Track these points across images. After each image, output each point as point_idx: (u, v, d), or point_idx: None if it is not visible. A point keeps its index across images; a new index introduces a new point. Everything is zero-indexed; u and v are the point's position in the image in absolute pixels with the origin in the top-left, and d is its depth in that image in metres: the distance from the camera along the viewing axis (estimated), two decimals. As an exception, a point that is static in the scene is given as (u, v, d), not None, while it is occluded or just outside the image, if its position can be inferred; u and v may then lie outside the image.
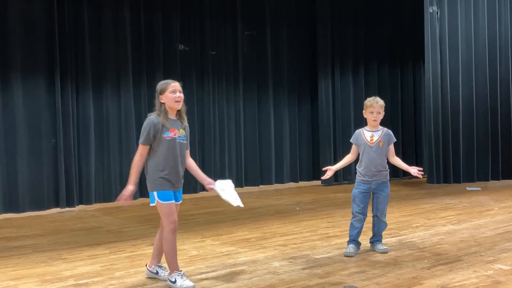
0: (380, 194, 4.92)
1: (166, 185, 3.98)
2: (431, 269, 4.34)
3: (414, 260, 4.64)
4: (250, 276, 4.29)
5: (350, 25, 11.20)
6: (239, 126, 10.39)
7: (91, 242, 5.72)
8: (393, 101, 11.85)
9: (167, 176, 3.98)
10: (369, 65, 11.57)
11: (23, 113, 7.96)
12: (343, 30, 11.13)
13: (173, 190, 4.02)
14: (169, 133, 3.99)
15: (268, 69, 10.73)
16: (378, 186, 4.91)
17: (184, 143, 4.13)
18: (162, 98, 4.03)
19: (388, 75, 11.84)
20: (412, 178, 11.82)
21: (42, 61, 8.11)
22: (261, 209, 7.91)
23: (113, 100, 8.83)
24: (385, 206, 4.98)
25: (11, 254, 5.26)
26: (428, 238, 5.55)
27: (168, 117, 4.03)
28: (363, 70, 11.48)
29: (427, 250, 5.01)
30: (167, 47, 9.43)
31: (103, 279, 4.31)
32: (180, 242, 5.54)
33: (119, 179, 8.73)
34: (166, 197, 3.97)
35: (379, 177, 4.89)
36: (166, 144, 3.98)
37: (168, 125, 4.00)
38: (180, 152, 4.08)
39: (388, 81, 11.82)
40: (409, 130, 12.10)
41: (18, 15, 7.91)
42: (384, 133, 4.96)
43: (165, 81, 4.12)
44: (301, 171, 11.24)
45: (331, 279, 4.16)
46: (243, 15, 10.39)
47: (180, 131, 4.08)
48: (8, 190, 7.84)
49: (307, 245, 5.36)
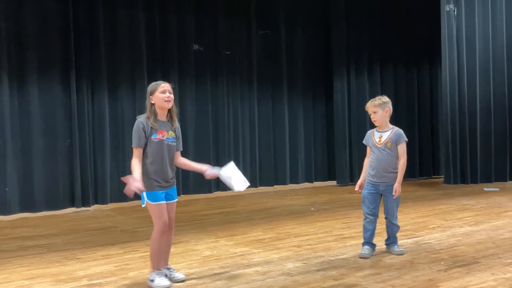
0: (389, 197, 4.83)
1: (154, 186, 3.98)
2: (448, 272, 4.27)
3: (430, 262, 4.56)
4: (264, 277, 4.26)
5: (365, 23, 11.11)
6: (253, 126, 10.36)
7: (105, 242, 5.73)
8: (409, 100, 11.74)
9: (154, 177, 3.98)
10: (385, 65, 11.47)
11: (39, 113, 8.02)
12: (358, 29, 11.04)
13: (162, 190, 4.01)
14: (157, 135, 4.00)
15: (283, 69, 10.69)
16: (386, 188, 4.82)
17: (173, 145, 4.11)
18: (152, 98, 4.04)
19: (404, 75, 11.72)
20: (429, 178, 11.72)
21: (57, 62, 8.17)
22: (275, 209, 7.88)
23: (128, 100, 8.86)
24: (395, 209, 4.89)
25: (26, 253, 5.29)
26: (445, 239, 5.46)
27: (158, 119, 4.03)
28: (379, 69, 11.38)
29: (443, 252, 4.93)
30: (181, 47, 9.44)
31: (117, 279, 4.31)
32: (194, 243, 5.54)
33: (134, 179, 8.75)
34: (155, 198, 3.97)
35: (387, 179, 4.80)
36: (154, 145, 3.99)
37: (156, 126, 4.00)
38: (169, 154, 4.07)
39: (404, 81, 11.71)
40: (426, 130, 11.97)
41: (34, 16, 7.97)
42: (393, 133, 4.85)
43: (156, 82, 4.12)
44: (316, 172, 11.18)
45: (346, 281, 4.11)
46: (258, 15, 10.36)
47: (169, 133, 4.07)
48: (24, 190, 7.90)
49: (321, 246, 5.31)
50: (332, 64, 10.96)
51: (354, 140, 10.87)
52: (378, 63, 11.36)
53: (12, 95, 7.83)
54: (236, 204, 8.44)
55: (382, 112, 4.82)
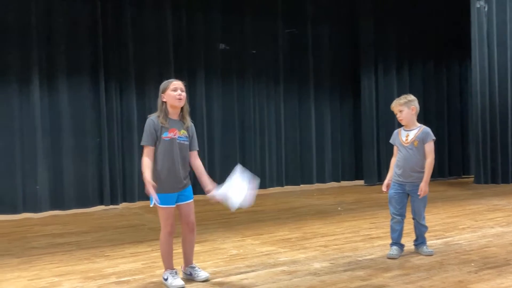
0: (416, 197, 4.75)
1: (165, 188, 3.91)
2: (478, 273, 4.18)
3: (460, 263, 4.48)
4: (290, 276, 4.24)
5: (393, 21, 10.98)
6: (280, 125, 10.34)
7: (133, 240, 5.79)
8: (439, 99, 11.57)
9: (165, 178, 3.91)
10: (414, 62, 11.32)
11: (69, 112, 8.16)
12: (386, 26, 10.92)
13: (173, 192, 3.96)
14: (168, 134, 3.93)
15: (309, 67, 10.64)
16: (413, 188, 4.73)
17: (185, 144, 4.02)
18: (164, 96, 3.99)
19: (433, 73, 11.55)
20: (458, 178, 11.53)
21: (86, 62, 8.29)
22: (302, 209, 7.85)
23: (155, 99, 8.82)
24: (422, 209, 4.80)
25: (56, 250, 5.38)
26: (475, 240, 5.36)
27: (169, 117, 3.97)
28: (407, 67, 11.24)
29: (474, 253, 4.84)
30: (208, 46, 9.47)
31: (144, 276, 4.34)
32: (221, 241, 5.56)
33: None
34: (165, 201, 3.91)
35: (414, 179, 4.72)
36: (164, 144, 3.92)
37: (167, 125, 3.94)
38: (181, 153, 3.98)
39: (433, 79, 11.53)
40: (456, 129, 11.78)
41: (63, 17, 8.11)
42: (420, 132, 4.76)
43: (168, 80, 4.07)
44: (343, 171, 11.10)
45: (373, 281, 4.06)
46: (284, 13, 10.33)
47: (181, 132, 3.99)
48: (54, 188, 8.04)
49: (349, 246, 5.26)
50: (360, 62, 10.86)
51: (382, 139, 10.75)
52: (407, 61, 11.22)
53: (43, 95, 7.97)
54: (263, 203, 8.43)
55: (408, 111, 4.75)
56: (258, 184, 4.12)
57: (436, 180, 10.35)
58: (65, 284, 4.19)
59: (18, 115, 7.83)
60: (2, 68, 7.71)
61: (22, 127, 7.84)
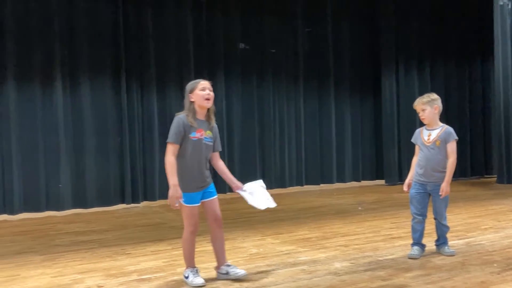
0: (437, 197, 4.70)
1: (190, 187, 3.94)
2: (501, 274, 4.13)
3: (482, 264, 4.43)
4: (311, 276, 4.24)
5: (414, 19, 10.88)
6: (299, 124, 10.32)
7: (154, 238, 5.84)
8: (461, 98, 11.43)
9: (190, 178, 3.94)
10: (435, 61, 11.20)
11: (91, 112, 8.26)
12: (407, 24, 10.82)
13: (198, 191, 3.99)
14: (196, 134, 3.95)
15: (329, 67, 10.60)
16: (434, 188, 4.69)
17: (210, 145, 4.06)
18: (192, 96, 4.01)
19: (455, 71, 11.42)
20: (481, 178, 11.38)
21: (108, 62, 8.39)
22: (322, 208, 7.83)
23: (176, 99, 8.99)
24: (443, 209, 4.76)
25: (78, 248, 5.45)
26: (498, 241, 5.29)
27: (196, 117, 3.99)
28: (429, 66, 11.13)
29: (496, 253, 4.78)
30: (228, 46, 9.50)
31: (165, 274, 4.38)
32: (240, 240, 5.58)
33: (182, 177, 8.90)
34: (190, 200, 3.94)
35: (436, 179, 4.68)
36: (192, 144, 3.94)
37: (195, 125, 3.96)
38: (205, 154, 4.02)
39: (455, 78, 11.40)
40: (478, 128, 11.63)
41: (85, 18, 8.21)
42: (443, 131, 4.71)
43: (195, 80, 4.09)
44: (364, 170, 11.04)
45: (394, 281, 4.04)
46: (303, 12, 10.31)
47: (206, 132, 4.02)
48: (77, 186, 8.15)
49: (369, 246, 5.24)
50: (380, 61, 10.78)
51: (403, 138, 10.65)
52: (428, 59, 11.11)
53: (65, 95, 8.08)
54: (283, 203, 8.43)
55: (430, 110, 4.71)
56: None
57: (458, 180, 10.24)
58: (88, 281, 4.24)
59: (41, 115, 7.95)
60: (25, 68, 7.83)
61: (45, 127, 7.96)
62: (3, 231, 6.64)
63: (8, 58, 7.69)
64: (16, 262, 4.93)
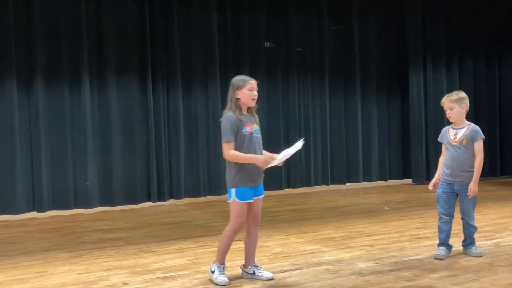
0: (465, 197, 4.63)
1: (246, 182, 4.00)
2: (530, 276, 4.05)
3: (511, 265, 4.34)
4: (334, 276, 4.22)
5: (442, 16, 10.69)
6: (325, 123, 10.26)
7: (179, 236, 5.89)
8: (490, 96, 11.21)
9: (248, 172, 4.00)
10: (464, 59, 11.00)
11: (118, 111, 8.36)
12: (435, 21, 10.63)
13: (254, 185, 4.04)
14: (247, 128, 4.03)
15: (356, 65, 10.50)
16: (461, 188, 4.62)
17: (259, 137, 4.16)
18: (239, 93, 4.04)
19: (484, 69, 11.19)
20: (511, 177, 11.14)
21: (134, 62, 8.47)
22: (347, 207, 7.78)
23: (201, 98, 9.04)
24: (471, 209, 4.68)
25: (105, 245, 5.53)
26: (528, 242, 5.19)
27: (242, 113, 4.06)
28: (457, 63, 10.92)
29: (526, 255, 4.68)
30: (253, 44, 9.50)
31: (190, 272, 4.42)
32: (264, 239, 5.57)
33: (207, 175, 8.95)
34: (244, 196, 3.99)
35: (463, 178, 4.60)
36: (245, 139, 4.02)
37: (244, 119, 4.03)
38: (258, 146, 4.11)
39: (484, 75, 11.17)
40: (508, 127, 11.37)
41: (112, 19, 8.30)
42: (469, 130, 4.63)
43: (243, 77, 4.12)
44: (391, 169, 10.91)
45: (419, 282, 3.99)
46: (330, 10, 10.23)
47: (254, 126, 4.11)
48: (104, 185, 8.25)
49: (395, 246, 5.18)
50: (408, 59, 10.63)
51: (430, 137, 10.49)
52: (457, 57, 10.91)
53: (93, 95, 8.19)
54: (307, 202, 8.41)
55: (458, 108, 4.63)
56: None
57: (488, 179, 10.04)
58: (113, 278, 4.30)
59: (69, 114, 8.07)
60: (54, 68, 7.96)
61: (73, 126, 8.08)
62: (32, 228, 6.77)
63: (37, 59, 7.82)
64: (44, 258, 5.03)
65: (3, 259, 5.06)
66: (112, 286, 4.11)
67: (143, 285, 4.12)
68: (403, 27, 10.74)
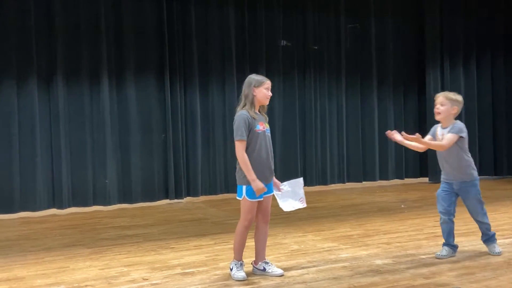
0: (466, 197, 4.61)
1: (259, 179, 4.02)
2: (549, 275, 4.04)
3: (530, 264, 4.33)
4: (352, 273, 4.24)
5: (460, 14, 10.61)
6: (341, 121, 10.25)
7: (197, 233, 5.95)
8: (509, 94, 11.09)
9: (260, 170, 4.04)
10: (482, 57, 10.90)
11: (136, 110, 8.45)
12: (453, 19, 10.57)
13: (265, 183, 4.06)
14: (259, 126, 4.10)
15: (372, 63, 10.48)
16: (461, 187, 4.60)
17: (270, 136, 4.23)
18: (256, 90, 4.13)
19: (503, 67, 11.08)
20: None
21: (152, 60, 8.55)
22: (364, 205, 7.78)
23: (218, 96, 9.09)
24: (477, 206, 4.63)
25: (124, 242, 5.61)
26: (546, 241, 5.15)
27: (255, 111, 4.13)
28: (475, 62, 10.83)
29: (545, 254, 4.66)
30: (269, 43, 9.53)
31: (208, 269, 4.47)
32: (281, 236, 5.61)
33: (224, 173, 9.01)
34: (254, 195, 4.03)
35: (460, 177, 4.58)
36: (258, 137, 4.08)
37: (257, 118, 4.11)
38: (270, 145, 4.18)
39: (503, 74, 11.05)
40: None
41: (130, 18, 8.39)
42: (452, 127, 4.54)
43: (260, 77, 4.22)
44: (407, 168, 10.88)
45: (437, 279, 4.00)
46: (346, 8, 10.22)
47: (266, 125, 4.19)
48: (123, 182, 8.35)
49: (412, 244, 5.19)
50: (425, 57, 10.58)
51: (447, 135, 10.42)
52: (475, 55, 10.82)
53: (112, 93, 8.29)
54: (324, 200, 8.42)
55: (449, 108, 4.55)
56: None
57: (506, 178, 9.94)
58: (133, 274, 4.37)
59: (89, 113, 8.18)
60: (74, 68, 8.07)
61: (92, 124, 8.19)
62: (52, 224, 6.88)
63: (57, 57, 7.93)
64: (65, 254, 5.12)
65: (26, 255, 5.16)
66: (133, 282, 4.18)
67: (163, 280, 4.18)
68: (420, 25, 10.69)
